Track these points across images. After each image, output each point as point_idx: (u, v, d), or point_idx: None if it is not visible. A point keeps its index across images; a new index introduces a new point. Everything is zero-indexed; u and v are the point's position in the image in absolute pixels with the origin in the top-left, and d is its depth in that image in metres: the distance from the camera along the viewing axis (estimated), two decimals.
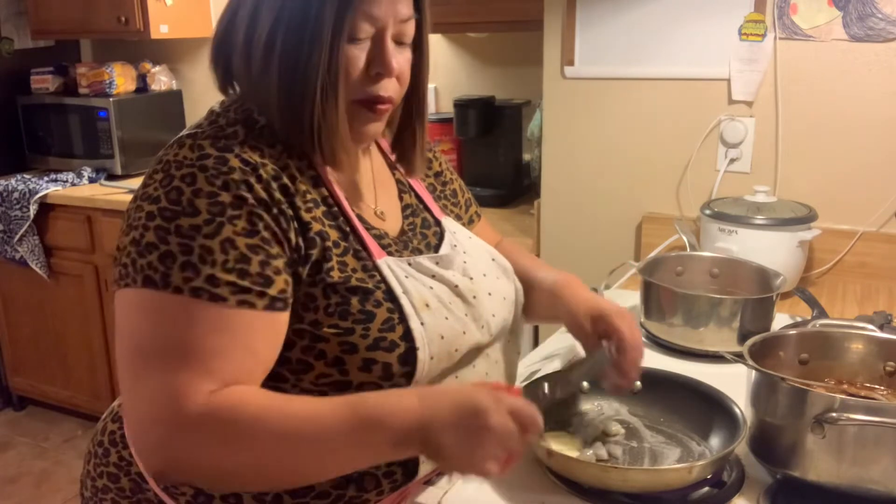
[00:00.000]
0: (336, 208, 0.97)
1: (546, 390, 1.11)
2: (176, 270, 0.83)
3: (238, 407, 0.83)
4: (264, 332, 0.87)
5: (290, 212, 0.91)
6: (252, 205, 0.87)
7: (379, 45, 0.93)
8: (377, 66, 0.94)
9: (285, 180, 0.92)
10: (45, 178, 3.10)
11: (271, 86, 0.91)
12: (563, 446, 1.06)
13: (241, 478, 0.85)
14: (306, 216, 0.92)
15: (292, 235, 0.90)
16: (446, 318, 0.97)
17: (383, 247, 0.99)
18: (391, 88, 0.96)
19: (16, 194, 3.00)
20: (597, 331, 1.07)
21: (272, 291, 0.87)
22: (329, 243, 0.93)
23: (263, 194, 0.89)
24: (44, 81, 3.31)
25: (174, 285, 0.83)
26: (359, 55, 0.93)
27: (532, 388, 1.10)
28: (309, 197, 0.94)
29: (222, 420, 0.82)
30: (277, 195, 0.90)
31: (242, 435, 0.82)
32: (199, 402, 0.81)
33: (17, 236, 3.03)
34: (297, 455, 0.83)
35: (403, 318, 0.93)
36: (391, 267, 0.96)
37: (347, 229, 0.96)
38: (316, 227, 0.92)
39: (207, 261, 0.84)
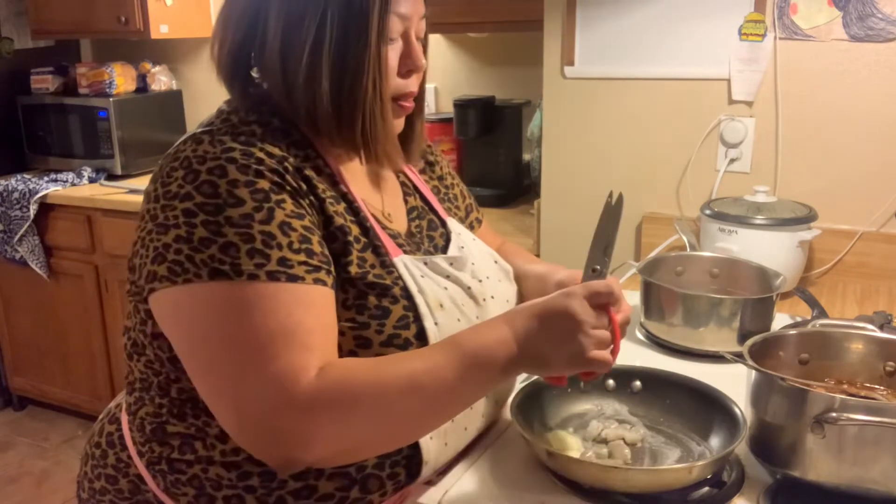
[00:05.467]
0: (355, 205, 0.98)
1: None
2: (244, 258, 0.83)
3: (354, 375, 0.84)
4: (333, 307, 0.89)
5: (316, 203, 0.92)
6: (290, 190, 0.89)
7: (408, 42, 0.97)
8: (408, 63, 0.97)
9: (308, 173, 0.93)
10: (45, 178, 3.10)
11: (319, 92, 0.92)
12: (563, 446, 1.06)
13: (371, 442, 0.87)
14: (330, 209, 0.93)
15: (319, 226, 0.92)
16: (458, 320, 0.98)
17: (398, 245, 1.00)
18: (417, 83, 1.01)
19: (16, 194, 3.00)
20: None
21: (332, 269, 0.89)
22: (350, 238, 0.94)
23: (294, 183, 0.90)
24: (44, 81, 3.30)
25: (248, 273, 0.83)
26: (393, 55, 0.95)
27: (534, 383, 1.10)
28: (329, 193, 0.95)
29: (344, 391, 0.83)
30: (304, 186, 0.92)
31: (369, 401, 0.83)
32: (312, 380, 0.82)
33: (17, 236, 3.03)
34: (423, 407, 0.86)
35: (418, 317, 0.94)
36: (407, 265, 0.97)
37: (368, 225, 0.97)
38: (338, 221, 0.94)
39: (273, 245, 0.85)
